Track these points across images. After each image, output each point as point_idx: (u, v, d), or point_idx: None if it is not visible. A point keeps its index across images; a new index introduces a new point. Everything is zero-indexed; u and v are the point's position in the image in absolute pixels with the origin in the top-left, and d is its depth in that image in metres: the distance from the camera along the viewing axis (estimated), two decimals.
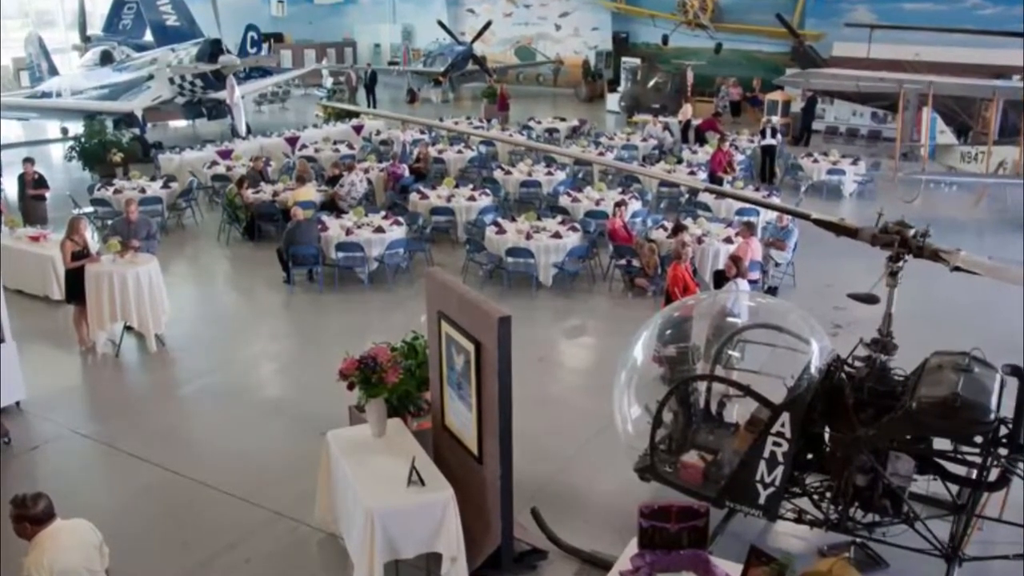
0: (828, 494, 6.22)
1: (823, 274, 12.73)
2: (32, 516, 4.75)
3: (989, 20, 24.14)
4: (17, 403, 8.94)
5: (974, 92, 18.53)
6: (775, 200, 13.37)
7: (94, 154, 19.48)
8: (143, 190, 15.79)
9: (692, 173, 17.13)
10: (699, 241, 12.56)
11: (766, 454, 6.09)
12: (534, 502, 7.02)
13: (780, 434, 6.03)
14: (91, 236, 11.58)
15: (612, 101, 30.55)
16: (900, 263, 6.06)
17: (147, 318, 10.38)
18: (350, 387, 6.59)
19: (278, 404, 9.36)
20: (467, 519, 6.02)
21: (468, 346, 5.96)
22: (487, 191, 15.88)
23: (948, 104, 18.52)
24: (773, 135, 19.84)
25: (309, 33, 38.78)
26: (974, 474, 5.92)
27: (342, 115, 23.77)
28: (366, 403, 6.62)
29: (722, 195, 14.28)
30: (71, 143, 20.59)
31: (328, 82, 33.27)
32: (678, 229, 12.48)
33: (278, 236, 13.73)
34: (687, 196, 16.35)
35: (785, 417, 6.01)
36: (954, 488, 6.15)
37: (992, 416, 5.62)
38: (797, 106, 25.48)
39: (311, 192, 15.29)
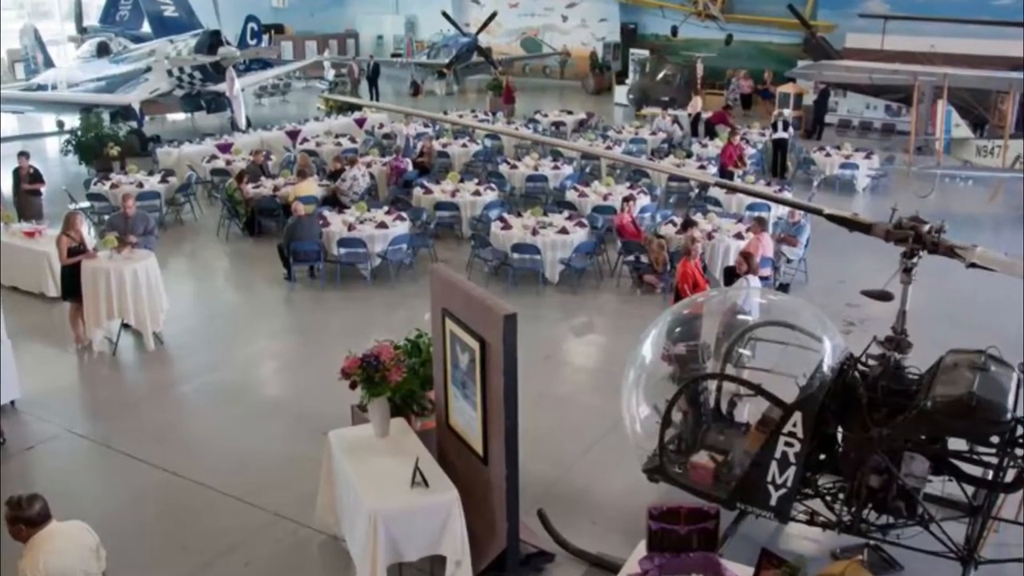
0: (841, 495, 6.16)
1: (836, 270, 12.65)
2: (27, 518, 4.69)
3: (1006, 11, 23.80)
4: (12, 402, 8.84)
5: (990, 84, 18.38)
6: (787, 195, 13.26)
7: (90, 148, 19.31)
8: (141, 185, 15.67)
9: (702, 167, 17.10)
10: (709, 237, 12.47)
11: (778, 454, 6.02)
12: (540, 503, 6.95)
13: (792, 434, 5.96)
14: (88, 232, 11.52)
15: (620, 94, 30.37)
16: (914, 259, 6.00)
17: (145, 315, 10.26)
18: (352, 386, 6.52)
19: (278, 403, 9.28)
20: (472, 521, 5.94)
21: (473, 344, 5.87)
22: (492, 186, 15.80)
23: (964, 97, 18.33)
24: (785, 128, 19.64)
25: (311, 24, 38.64)
26: (990, 475, 5.86)
27: (344, 108, 23.63)
28: (369, 402, 6.54)
29: (733, 190, 14.16)
30: (67, 137, 20.46)
31: (330, 74, 33.04)
32: (688, 225, 12.34)
33: (279, 232, 13.65)
34: (697, 191, 16.23)
35: (797, 417, 5.94)
36: (970, 489, 6.08)
37: (1009, 416, 5.57)
38: (809, 99, 25.30)
39: (312, 187, 15.17)
